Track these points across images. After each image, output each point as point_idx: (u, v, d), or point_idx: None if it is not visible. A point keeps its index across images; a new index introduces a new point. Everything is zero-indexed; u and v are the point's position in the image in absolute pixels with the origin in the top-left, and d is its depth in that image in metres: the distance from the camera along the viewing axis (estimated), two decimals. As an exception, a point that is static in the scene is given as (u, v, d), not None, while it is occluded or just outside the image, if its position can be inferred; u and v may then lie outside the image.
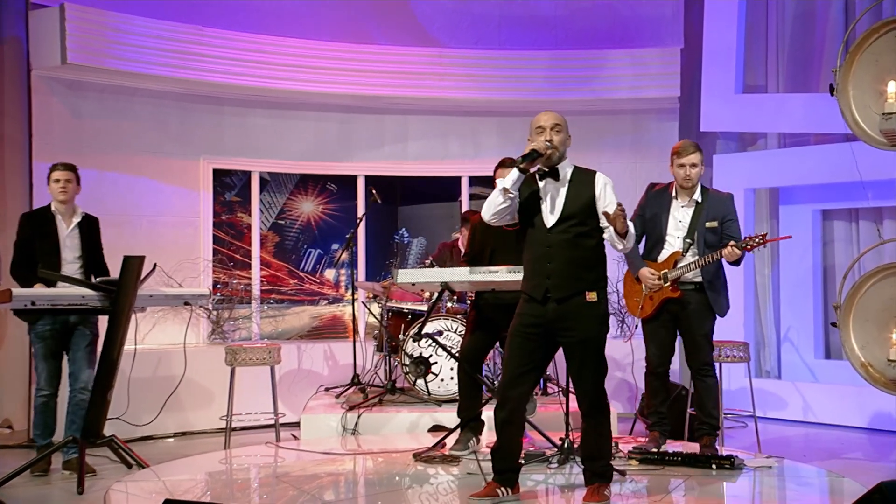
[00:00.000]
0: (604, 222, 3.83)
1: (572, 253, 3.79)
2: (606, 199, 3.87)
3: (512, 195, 3.81)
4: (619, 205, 3.74)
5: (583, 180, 3.89)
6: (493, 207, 3.85)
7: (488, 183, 6.47)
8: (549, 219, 3.84)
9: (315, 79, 7.53)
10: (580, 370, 3.80)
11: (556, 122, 3.90)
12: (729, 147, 7.91)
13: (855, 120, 4.85)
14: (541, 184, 3.89)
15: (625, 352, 7.23)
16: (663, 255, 4.91)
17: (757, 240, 4.68)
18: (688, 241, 4.86)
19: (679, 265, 4.84)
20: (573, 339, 3.78)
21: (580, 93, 7.87)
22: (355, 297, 7.11)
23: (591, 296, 3.77)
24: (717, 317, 4.92)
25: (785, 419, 7.02)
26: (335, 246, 8.05)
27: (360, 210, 7.88)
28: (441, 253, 6.76)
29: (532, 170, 3.87)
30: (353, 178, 7.99)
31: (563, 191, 3.86)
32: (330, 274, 8.07)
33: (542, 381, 6.52)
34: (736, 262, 4.78)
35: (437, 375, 6.05)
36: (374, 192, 6.84)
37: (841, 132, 6.18)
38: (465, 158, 8.06)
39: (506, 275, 4.51)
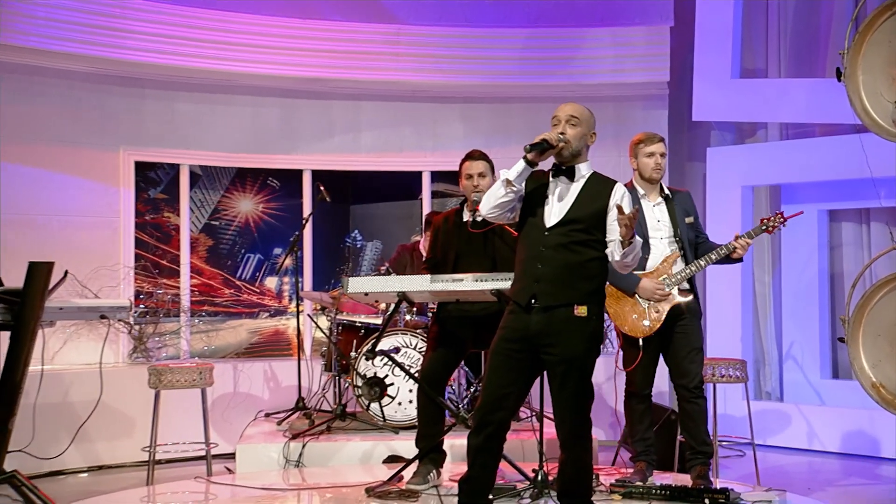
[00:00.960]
0: (612, 235, 3.85)
1: (567, 258, 3.82)
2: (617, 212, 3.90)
3: (515, 188, 3.85)
4: (636, 209, 3.78)
5: (599, 187, 3.93)
6: (494, 200, 3.88)
7: (452, 178, 6.45)
8: (551, 218, 3.88)
9: (253, 58, 7.50)
10: (560, 393, 3.81)
11: (574, 114, 3.95)
12: (724, 139, 7.99)
13: (864, 108, 4.90)
14: (553, 182, 3.94)
15: (608, 371, 7.25)
16: (653, 261, 4.92)
17: (776, 220, 4.76)
18: (678, 240, 4.91)
19: (676, 268, 4.87)
20: (555, 356, 3.78)
21: (556, 76, 7.90)
22: (300, 309, 7.07)
23: (581, 310, 3.78)
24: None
25: (787, 447, 7.09)
26: (277, 250, 8.01)
27: (307, 209, 7.84)
28: (399, 258, 6.74)
29: (540, 163, 3.88)
30: (298, 173, 7.95)
31: (575, 193, 3.91)
32: (271, 283, 8.02)
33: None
34: (740, 258, 4.92)
35: (393, 399, 6.03)
36: (322, 188, 6.81)
37: (850, 122, 6.25)
38: (425, 151, 8.06)
39: (471, 283, 4.49)
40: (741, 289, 7.45)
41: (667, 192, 5.00)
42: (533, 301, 3.79)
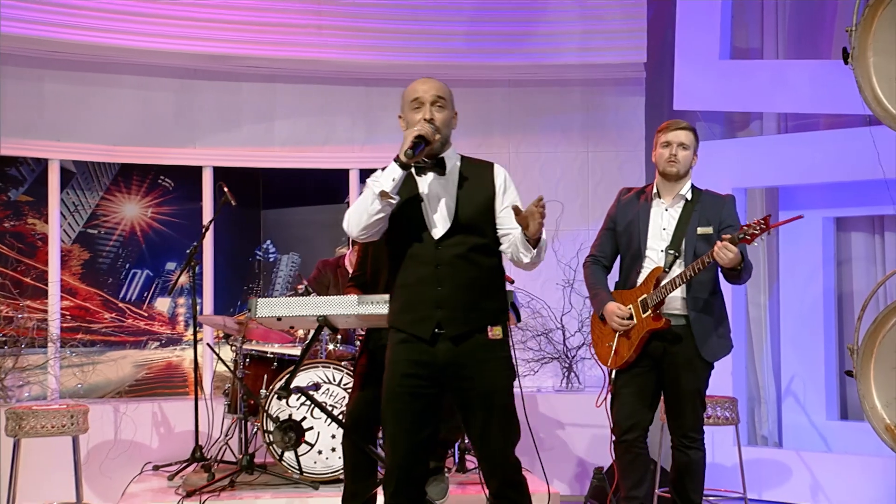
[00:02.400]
0: (504, 227, 3.88)
1: (469, 273, 3.83)
2: (507, 198, 3.95)
3: (393, 201, 3.80)
4: (540, 198, 3.77)
5: (477, 174, 3.95)
6: (365, 217, 3.81)
7: (386, 178, 6.44)
8: (437, 228, 3.85)
9: (142, 30, 7.45)
10: (484, 433, 3.82)
11: (439, 93, 3.91)
12: (712, 132, 8.07)
13: (875, 96, 4.94)
14: (421, 180, 3.91)
15: (576, 409, 7.30)
16: (643, 275, 4.94)
17: (757, 227, 4.61)
18: (672, 252, 4.88)
19: (662, 284, 4.86)
20: (473, 391, 3.79)
21: (511, 56, 7.94)
22: (199, 337, 7.01)
23: (496, 331, 3.82)
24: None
25: (787, 502, 7.16)
26: (171, 265, 7.96)
27: (207, 215, 7.80)
28: (321, 275, 6.73)
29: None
30: (197, 170, 7.91)
31: (453, 189, 3.90)
32: (163, 305, 7.97)
33: (457, 452, 6.52)
34: (734, 271, 4.76)
35: (312, 446, 6.01)
36: (226, 189, 6.77)
37: (860, 113, 6.34)
38: (354, 144, 8.05)
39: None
40: (732, 313, 7.50)
41: (687, 194, 5.00)
42: (439, 330, 3.80)
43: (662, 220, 4.97)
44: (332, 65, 7.92)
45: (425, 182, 3.90)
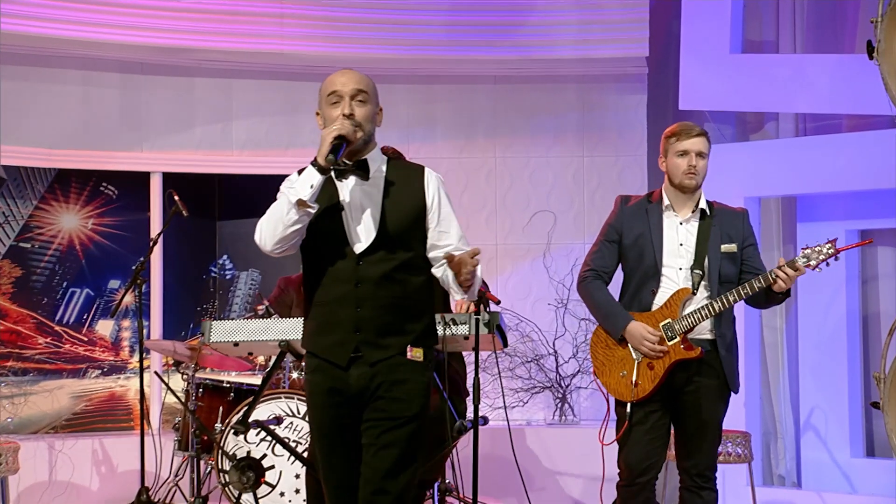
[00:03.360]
0: (435, 246, 3.89)
1: (393, 292, 3.82)
2: (442, 212, 3.91)
3: (312, 210, 3.77)
4: (475, 252, 3.75)
5: (405, 179, 3.92)
6: (281, 229, 3.78)
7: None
8: (359, 242, 3.83)
9: (83, 18, 7.45)
10: (376, 460, 3.78)
11: (360, 85, 3.86)
12: (722, 135, 8.09)
13: (903, 94, 5.00)
14: (342, 186, 3.88)
15: (563, 442, 7.30)
16: (661, 298, 4.91)
17: (827, 249, 4.68)
18: (697, 272, 4.87)
19: (689, 309, 4.86)
20: (383, 414, 3.78)
21: (497, 49, 7.96)
22: (145, 364, 6.98)
23: (415, 353, 3.82)
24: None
25: (807, 549, 7.18)
26: (115, 283, 7.94)
27: (156, 226, 7.79)
28: (283, 294, 6.71)
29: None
30: (145, 177, 7.91)
31: (378, 196, 3.87)
32: (105, 328, 7.95)
33: (437, 493, 6.51)
34: (783, 297, 4.83)
35: (273, 487, 6.00)
36: (177, 198, 6.75)
37: (886, 113, 6.37)
38: (321, 147, 8.05)
39: (381, 328, 4.50)
40: (744, 337, 7.52)
41: (704, 206, 4.98)
42: (356, 355, 3.81)
43: (678, 235, 4.92)
44: (297, 58, 7.91)
45: (346, 188, 3.86)
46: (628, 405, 4.85)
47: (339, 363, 3.81)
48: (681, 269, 4.88)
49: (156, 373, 7.32)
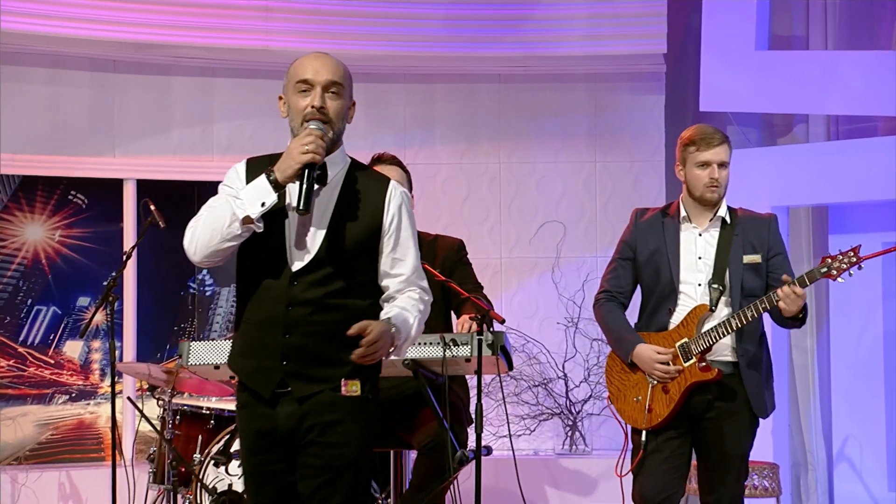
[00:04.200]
0: (387, 275, 3.72)
1: (328, 319, 3.61)
2: (400, 235, 3.72)
3: (258, 229, 3.59)
4: (363, 329, 3.57)
5: (365, 191, 3.73)
6: (218, 241, 3.61)
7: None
8: (298, 255, 3.65)
9: (50, 12, 7.45)
10: None
11: (335, 77, 3.69)
12: (747, 138, 8.10)
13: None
14: (291, 188, 3.66)
15: (573, 473, 7.28)
16: (678, 317, 4.91)
17: (845, 259, 4.64)
18: (716, 287, 4.86)
19: (707, 327, 4.84)
20: (319, 459, 3.65)
21: (501, 45, 7.97)
22: (118, 389, 6.97)
23: (351, 387, 3.61)
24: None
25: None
26: (84, 301, 7.94)
27: (129, 239, 7.79)
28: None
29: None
30: (118, 184, 7.93)
31: (329, 206, 3.68)
32: (73, 349, 7.93)
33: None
34: (796, 318, 4.75)
35: (257, 524, 5.97)
36: (152, 207, 6.74)
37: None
38: (310, 152, 8.05)
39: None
40: (772, 360, 7.53)
41: (725, 214, 4.96)
42: (282, 389, 3.64)
43: (697, 248, 4.91)
44: (283, 55, 7.87)
45: (296, 192, 3.61)
46: (643, 433, 4.86)
47: (262, 394, 3.65)
48: (700, 284, 4.86)
49: (129, 398, 7.30)
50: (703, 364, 4.76)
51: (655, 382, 4.82)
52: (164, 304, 8.18)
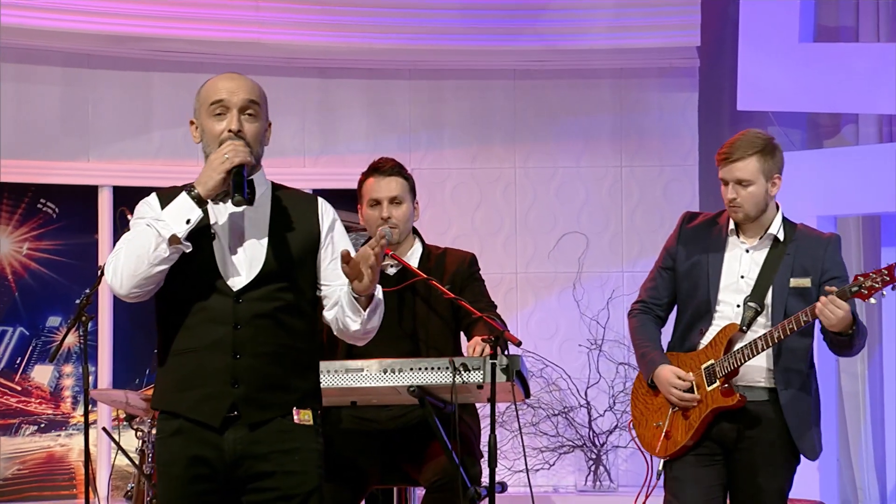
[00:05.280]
0: (328, 284, 3.84)
1: (276, 338, 3.73)
2: (338, 245, 3.85)
3: (186, 249, 3.68)
4: (382, 235, 3.83)
5: (296, 210, 3.88)
6: (146, 268, 3.69)
7: (349, 201, 6.46)
8: (237, 275, 3.75)
9: (19, 2, 7.46)
10: None
11: (251, 96, 3.83)
12: (791, 141, 8.10)
13: None
14: (216, 210, 3.80)
15: None
16: (710, 336, 4.92)
17: (878, 278, 4.54)
18: (752, 305, 4.86)
19: (736, 348, 4.85)
20: (276, 495, 3.71)
21: (518, 39, 7.99)
22: (92, 419, 7.00)
23: (303, 415, 3.73)
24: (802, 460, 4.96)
25: None
26: (54, 321, 7.97)
27: (104, 252, 7.80)
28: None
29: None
30: (92, 192, 7.97)
31: (263, 224, 3.82)
32: (43, 375, 7.97)
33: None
34: (842, 337, 4.70)
35: (247, 569, 5.98)
36: (130, 217, 6.77)
37: None
38: (305, 155, 8.11)
39: (378, 376, 4.55)
40: (819, 387, 7.53)
41: (777, 232, 4.94)
42: (233, 415, 3.70)
43: (741, 265, 4.89)
44: (275, 49, 7.94)
45: (221, 212, 3.80)
46: (660, 462, 4.89)
47: (210, 423, 3.70)
48: (738, 305, 4.85)
49: (104, 429, 7.32)
50: (726, 387, 4.76)
51: (676, 408, 4.85)
52: (143, 324, 8.16)
